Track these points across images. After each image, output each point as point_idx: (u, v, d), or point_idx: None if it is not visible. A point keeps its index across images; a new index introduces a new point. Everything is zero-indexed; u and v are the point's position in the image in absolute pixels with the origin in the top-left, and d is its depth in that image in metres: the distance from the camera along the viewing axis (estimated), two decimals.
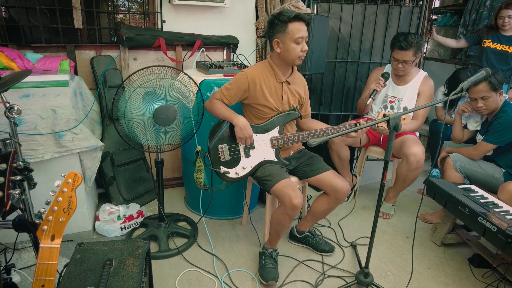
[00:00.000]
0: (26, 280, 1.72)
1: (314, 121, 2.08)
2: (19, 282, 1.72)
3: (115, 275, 1.22)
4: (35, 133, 1.77)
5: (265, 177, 1.78)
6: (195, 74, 2.22)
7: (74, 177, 0.92)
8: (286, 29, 1.69)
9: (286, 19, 1.68)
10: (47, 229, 0.89)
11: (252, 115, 1.89)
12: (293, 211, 1.67)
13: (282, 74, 1.83)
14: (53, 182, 1.63)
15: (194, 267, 1.94)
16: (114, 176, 2.35)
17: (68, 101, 1.85)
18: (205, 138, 1.93)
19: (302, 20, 1.70)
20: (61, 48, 2.37)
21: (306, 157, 1.99)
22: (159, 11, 2.55)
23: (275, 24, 1.72)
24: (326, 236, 2.25)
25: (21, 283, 1.72)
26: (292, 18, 1.68)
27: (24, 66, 2.09)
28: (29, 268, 1.81)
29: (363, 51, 2.87)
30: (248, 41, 2.86)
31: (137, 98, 1.84)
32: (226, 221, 2.41)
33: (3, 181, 0.86)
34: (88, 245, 1.37)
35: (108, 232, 2.11)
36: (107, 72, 2.36)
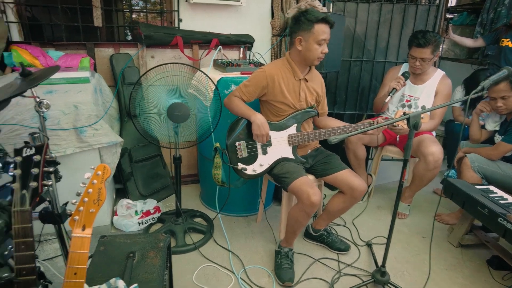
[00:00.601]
0: (49, 271, 1.76)
1: (330, 119, 2.09)
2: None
3: (138, 267, 1.24)
4: (58, 128, 1.81)
5: (282, 174, 1.79)
6: (212, 72, 2.24)
7: (104, 169, 0.94)
8: (312, 29, 1.71)
9: (313, 19, 1.70)
10: (78, 219, 0.91)
11: (270, 112, 1.90)
12: (311, 208, 1.67)
13: (300, 72, 1.84)
14: (74, 176, 1.68)
15: (210, 263, 1.96)
16: (132, 172, 2.39)
17: (89, 97, 1.88)
18: (222, 136, 1.95)
19: (328, 23, 1.72)
20: (81, 46, 2.42)
21: (323, 156, 1.99)
22: (176, 9, 2.58)
23: (301, 22, 1.73)
24: (341, 235, 2.24)
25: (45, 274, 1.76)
26: (320, 20, 1.70)
27: (46, 63, 2.14)
28: (52, 260, 1.85)
29: (378, 50, 2.85)
30: (263, 39, 2.87)
31: (154, 94, 1.87)
32: (241, 218, 2.43)
33: (37, 172, 0.89)
34: (111, 237, 1.40)
35: (126, 227, 2.14)
36: (125, 70, 2.40)
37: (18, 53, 2.08)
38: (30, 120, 1.79)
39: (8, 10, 2.22)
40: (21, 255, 0.87)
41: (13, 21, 2.25)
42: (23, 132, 1.81)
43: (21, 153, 0.88)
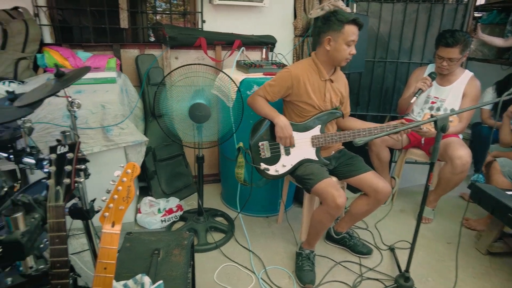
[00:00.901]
0: (76, 265, 1.82)
1: (354, 119, 2.06)
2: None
3: (163, 264, 1.27)
4: (86, 127, 1.87)
5: (306, 176, 1.78)
6: (235, 73, 2.26)
7: (133, 167, 0.96)
8: (342, 29, 1.71)
9: (344, 19, 1.70)
10: (108, 216, 0.93)
11: (293, 112, 1.89)
12: (336, 210, 1.66)
13: (326, 72, 1.83)
14: (100, 174, 1.72)
15: (231, 262, 1.97)
16: (155, 171, 2.44)
17: (116, 97, 1.93)
18: (244, 136, 1.96)
19: (358, 24, 1.73)
20: (108, 47, 2.49)
21: (346, 157, 1.97)
22: (200, 11, 2.61)
23: (331, 22, 1.72)
24: (363, 238, 2.21)
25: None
26: (350, 21, 1.70)
27: (76, 64, 2.22)
28: (79, 254, 1.91)
29: (402, 50, 2.79)
30: (285, 40, 2.87)
31: (177, 95, 1.91)
32: (262, 219, 2.43)
33: (70, 169, 0.92)
34: (136, 234, 1.43)
35: (149, 224, 2.19)
36: (150, 70, 2.45)
37: (50, 54, 2.16)
38: (60, 119, 1.86)
39: (41, 13, 2.31)
40: (55, 248, 0.90)
41: (45, 24, 2.33)
42: (54, 131, 1.87)
43: (56, 150, 0.91)
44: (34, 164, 1.44)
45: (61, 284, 0.90)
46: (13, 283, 0.83)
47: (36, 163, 1.43)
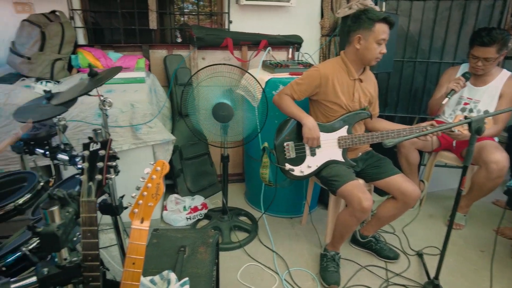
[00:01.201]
0: (104, 259, 1.88)
1: (382, 120, 2.02)
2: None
3: (189, 262, 1.29)
4: (116, 126, 1.93)
5: (332, 177, 1.76)
6: (261, 73, 2.26)
7: (163, 165, 0.97)
8: (373, 28, 1.68)
9: (375, 17, 1.67)
10: (137, 212, 0.95)
11: (320, 112, 1.87)
12: (362, 213, 1.63)
13: (355, 71, 1.80)
14: (128, 171, 1.76)
15: (255, 262, 1.97)
16: (181, 169, 2.48)
17: (145, 96, 1.98)
18: (269, 136, 1.95)
19: (389, 23, 1.70)
20: (137, 48, 2.56)
21: (374, 159, 1.92)
22: (227, 11, 2.63)
23: (362, 20, 1.70)
24: (390, 243, 2.15)
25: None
26: (381, 19, 1.68)
27: (107, 64, 2.29)
28: (107, 249, 1.97)
29: (433, 50, 2.70)
30: (312, 40, 2.84)
31: (203, 95, 1.93)
32: (285, 220, 2.41)
33: (102, 165, 0.95)
34: (163, 231, 1.46)
35: (175, 222, 2.23)
36: (178, 71, 2.49)
37: (83, 55, 2.25)
38: (92, 117, 1.93)
39: (76, 16, 2.40)
40: (87, 242, 0.93)
41: (79, 26, 2.43)
42: (85, 128, 1.95)
43: (88, 147, 0.95)
44: (68, 160, 1.50)
45: (92, 277, 0.93)
46: (49, 273, 0.86)
47: (69, 160, 1.49)
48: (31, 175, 1.42)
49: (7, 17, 2.31)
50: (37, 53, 2.08)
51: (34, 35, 2.07)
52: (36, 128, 1.64)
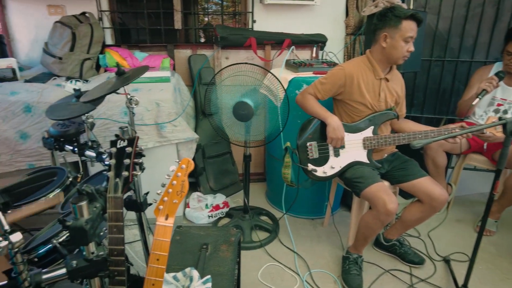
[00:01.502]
0: (128, 254, 1.92)
1: (408, 121, 1.96)
2: None
3: (211, 259, 1.29)
4: (141, 124, 1.97)
5: (356, 179, 1.72)
6: (284, 72, 2.24)
7: (188, 163, 0.98)
8: (399, 25, 1.64)
9: (401, 15, 1.63)
10: (162, 209, 0.97)
11: (344, 112, 1.84)
12: (386, 216, 1.59)
13: (381, 71, 1.76)
14: (153, 168, 1.79)
15: (275, 262, 1.96)
16: (204, 167, 2.51)
17: (169, 95, 2.01)
18: (291, 135, 1.94)
19: (417, 20, 1.65)
20: (162, 48, 2.60)
21: (400, 161, 1.87)
22: (251, 11, 2.63)
23: (388, 18, 1.66)
24: (415, 247, 2.09)
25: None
26: (409, 16, 1.63)
27: (133, 63, 2.34)
28: (130, 244, 2.02)
29: (463, 48, 2.59)
30: (336, 38, 2.80)
31: (226, 94, 1.94)
32: (307, 221, 2.39)
33: (128, 162, 0.96)
34: (186, 228, 1.48)
35: (197, 219, 2.25)
36: (202, 70, 2.52)
37: (111, 55, 2.31)
38: (118, 115, 1.98)
39: (104, 17, 2.47)
40: (113, 237, 0.95)
41: (107, 27, 2.50)
42: (112, 126, 2.00)
43: (116, 144, 0.97)
44: (95, 157, 1.54)
45: (117, 271, 0.95)
46: (77, 265, 0.89)
47: (96, 156, 1.54)
48: (61, 171, 1.47)
49: (41, 19, 2.41)
50: (68, 53, 2.15)
51: (65, 36, 2.14)
52: (65, 125, 1.70)
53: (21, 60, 2.51)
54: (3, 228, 0.82)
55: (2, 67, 2.06)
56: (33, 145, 2.03)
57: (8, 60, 2.11)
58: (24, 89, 2.00)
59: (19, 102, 1.95)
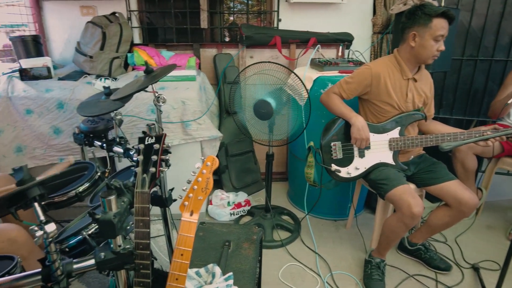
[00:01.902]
0: (151, 248, 1.97)
1: (436, 122, 1.90)
2: None
3: (233, 256, 1.30)
4: (167, 121, 2.01)
5: (381, 180, 1.69)
6: (309, 71, 2.23)
7: (213, 160, 0.99)
8: (429, 24, 1.59)
9: (432, 13, 1.58)
10: (187, 205, 0.99)
11: (370, 112, 1.81)
12: (411, 220, 1.54)
13: (409, 70, 1.72)
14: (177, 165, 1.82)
15: (296, 262, 1.96)
16: (227, 165, 2.53)
17: (195, 94, 2.04)
18: (314, 135, 1.92)
19: (448, 17, 1.60)
20: (188, 47, 2.64)
21: (428, 163, 1.82)
22: (276, 9, 2.63)
23: (417, 16, 1.62)
24: (441, 252, 2.02)
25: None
26: (440, 14, 1.58)
27: (160, 62, 2.39)
28: (154, 239, 2.07)
29: (499, 47, 2.47)
30: (363, 37, 2.75)
31: (250, 93, 1.95)
32: (329, 222, 2.37)
33: (156, 159, 0.99)
34: (209, 225, 1.49)
35: (219, 216, 2.28)
36: (226, 69, 2.54)
37: (138, 53, 2.37)
38: (145, 112, 2.03)
39: (132, 17, 2.54)
40: (139, 231, 0.98)
41: (136, 26, 2.57)
42: (139, 123, 2.05)
43: (144, 141, 0.99)
44: (122, 153, 1.59)
45: (142, 264, 0.98)
46: (105, 257, 0.92)
47: (123, 152, 1.58)
48: (90, 165, 1.52)
49: (74, 20, 2.51)
50: (98, 52, 2.22)
51: (96, 35, 2.22)
52: (95, 122, 1.76)
53: (55, 59, 2.63)
54: (39, 218, 0.86)
55: (38, 66, 2.16)
56: (64, 140, 2.12)
57: (44, 59, 2.21)
58: (58, 86, 2.09)
59: (53, 99, 2.04)
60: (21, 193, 0.87)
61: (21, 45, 2.28)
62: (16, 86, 2.07)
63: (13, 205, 0.89)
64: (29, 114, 2.07)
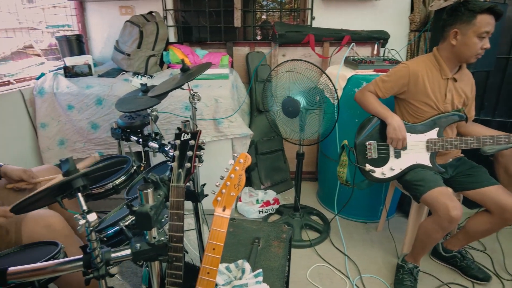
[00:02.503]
0: None
1: (477, 125, 1.81)
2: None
3: (263, 254, 1.31)
4: (200, 118, 2.05)
5: (416, 182, 1.63)
6: (343, 69, 2.19)
7: (245, 158, 1.01)
8: (473, 20, 1.51)
9: (476, 8, 1.50)
10: (220, 200, 1.00)
11: (407, 112, 1.75)
12: (449, 223, 1.48)
13: (449, 70, 1.64)
14: (209, 161, 1.85)
15: (325, 263, 1.93)
16: (256, 163, 2.54)
17: (228, 92, 2.07)
18: (347, 134, 1.88)
19: (495, 13, 1.51)
20: (221, 45, 2.68)
21: (467, 167, 1.73)
22: (310, 7, 2.60)
23: (460, 13, 1.55)
24: (478, 261, 1.92)
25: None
26: (485, 10, 1.49)
27: (194, 60, 2.44)
28: (185, 233, 2.11)
29: None
30: (399, 35, 2.66)
31: (280, 90, 1.94)
32: (360, 224, 2.32)
33: (191, 154, 1.01)
34: (239, 221, 1.51)
35: (248, 213, 2.29)
36: (259, 68, 2.55)
37: (174, 52, 2.43)
38: (179, 109, 2.08)
39: (168, 16, 2.61)
40: (173, 224, 1.00)
41: (171, 25, 2.63)
42: (173, 120, 2.11)
43: (180, 137, 1.02)
44: (158, 148, 1.64)
45: (175, 257, 1.00)
46: (141, 248, 0.95)
47: (159, 147, 1.63)
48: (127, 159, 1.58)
49: (113, 19, 2.62)
50: (135, 50, 2.30)
51: (134, 34, 2.30)
52: (132, 118, 1.83)
53: (95, 57, 2.75)
54: (82, 208, 0.91)
55: (80, 64, 2.27)
56: (102, 134, 2.22)
57: (85, 57, 2.32)
58: (97, 83, 2.18)
59: (92, 95, 2.14)
60: (68, 183, 0.92)
61: (65, 44, 2.40)
62: (61, 82, 2.19)
63: (60, 194, 0.94)
64: (70, 109, 2.18)
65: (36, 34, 2.62)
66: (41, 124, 2.20)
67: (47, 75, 2.26)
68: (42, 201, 0.97)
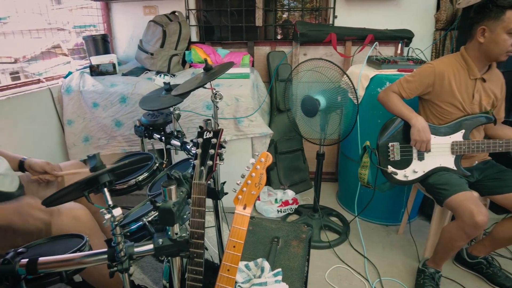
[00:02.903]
0: None
1: (505, 127, 1.74)
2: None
3: (282, 253, 1.31)
4: (221, 117, 2.07)
5: (440, 185, 1.59)
6: (366, 69, 2.16)
7: (267, 157, 1.01)
8: (502, 16, 1.45)
9: (506, 4, 1.45)
10: (241, 199, 1.01)
11: (432, 113, 1.71)
12: (474, 229, 1.43)
13: (477, 70, 1.59)
14: (228, 160, 1.87)
15: (344, 265, 1.92)
16: (275, 162, 2.54)
17: (248, 91, 2.08)
18: (369, 135, 1.86)
19: None
20: (242, 45, 2.69)
21: (494, 170, 1.67)
22: (332, 6, 2.58)
23: (488, 9, 1.49)
24: (506, 269, 1.86)
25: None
26: None
27: (215, 60, 2.46)
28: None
29: None
30: (423, 34, 2.60)
31: (301, 90, 1.94)
32: (380, 227, 2.28)
33: (213, 152, 1.02)
34: (258, 220, 1.52)
35: (266, 212, 2.30)
36: (279, 67, 2.54)
37: (196, 51, 2.46)
38: (201, 108, 2.10)
39: (191, 15, 2.64)
40: (195, 221, 1.02)
41: (193, 24, 2.67)
42: (194, 118, 2.14)
43: (202, 135, 1.03)
44: (180, 146, 1.67)
45: (196, 253, 1.02)
46: (163, 243, 0.98)
47: (181, 145, 1.66)
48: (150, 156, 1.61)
49: (137, 19, 2.68)
50: (158, 49, 2.35)
51: (157, 33, 2.34)
52: (155, 116, 1.86)
53: (120, 56, 2.82)
54: (107, 202, 0.94)
55: (105, 62, 2.33)
56: (125, 132, 2.27)
57: (110, 56, 2.39)
58: (121, 81, 2.24)
59: (116, 93, 2.20)
60: (95, 178, 0.95)
61: (91, 43, 2.48)
62: (87, 81, 2.26)
63: (87, 188, 0.97)
64: (95, 107, 2.24)
65: (63, 34, 2.72)
66: (67, 121, 2.28)
67: (74, 74, 2.34)
68: (70, 195, 1.01)
